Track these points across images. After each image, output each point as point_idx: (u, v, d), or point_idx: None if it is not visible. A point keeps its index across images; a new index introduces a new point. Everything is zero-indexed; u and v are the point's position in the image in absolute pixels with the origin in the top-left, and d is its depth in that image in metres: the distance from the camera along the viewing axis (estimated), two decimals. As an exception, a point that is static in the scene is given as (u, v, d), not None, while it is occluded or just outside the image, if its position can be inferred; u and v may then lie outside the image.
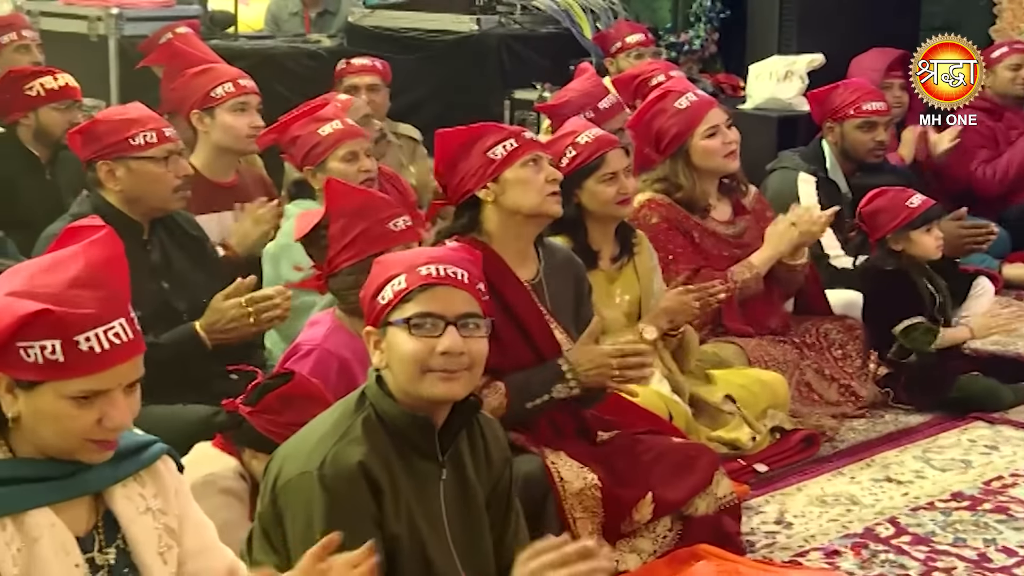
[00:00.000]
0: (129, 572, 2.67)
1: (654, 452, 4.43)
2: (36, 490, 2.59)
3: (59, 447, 2.59)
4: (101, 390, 2.55)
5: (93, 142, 4.72)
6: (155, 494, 2.74)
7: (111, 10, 8.22)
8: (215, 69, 5.88)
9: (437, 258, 3.22)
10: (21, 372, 2.52)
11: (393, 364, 3.16)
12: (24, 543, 2.54)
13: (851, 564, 4.45)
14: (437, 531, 3.19)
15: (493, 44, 8.38)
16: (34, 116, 5.94)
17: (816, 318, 6.02)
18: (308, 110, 5.43)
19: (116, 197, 4.69)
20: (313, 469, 3.05)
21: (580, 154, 5.00)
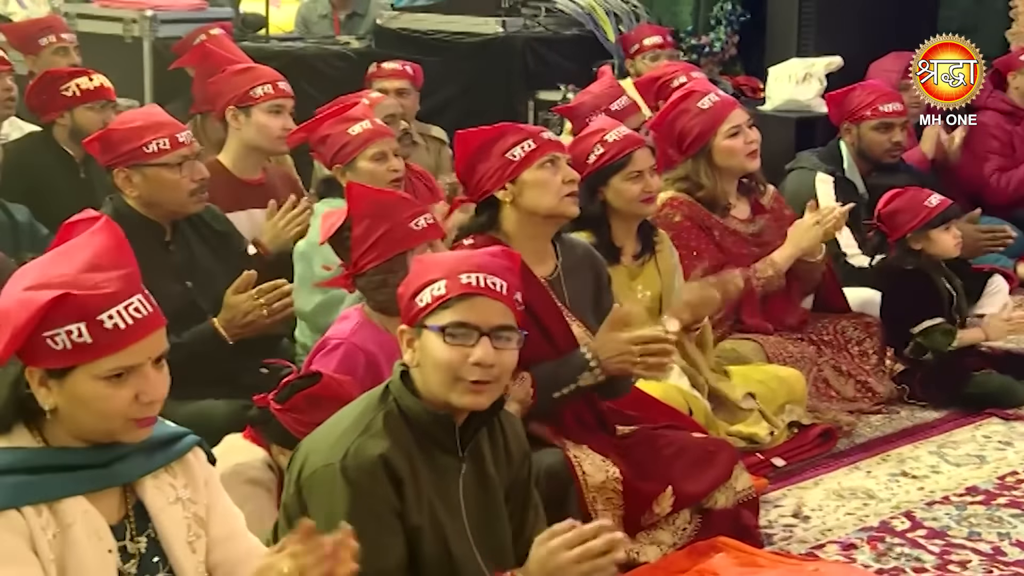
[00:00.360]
0: (159, 560, 2.67)
1: (674, 446, 4.42)
2: (70, 479, 2.59)
3: (100, 430, 2.59)
4: (132, 365, 2.55)
5: (109, 150, 4.72)
6: (185, 484, 2.74)
7: (145, 12, 8.24)
8: (256, 69, 5.89)
9: (478, 266, 3.19)
10: (51, 361, 2.53)
11: (425, 367, 3.16)
12: (59, 529, 2.54)
13: (867, 557, 4.44)
14: (457, 523, 3.18)
15: (518, 46, 8.37)
16: (70, 116, 5.94)
17: (833, 315, 6.00)
18: (338, 110, 5.43)
19: (135, 201, 4.69)
20: (336, 461, 3.05)
21: (607, 152, 4.98)
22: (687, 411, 4.85)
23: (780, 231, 5.82)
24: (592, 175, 4.91)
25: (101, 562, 2.58)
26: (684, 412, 4.82)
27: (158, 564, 2.66)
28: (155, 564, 2.66)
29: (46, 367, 2.54)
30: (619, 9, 8.87)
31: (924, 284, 5.86)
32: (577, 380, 4.18)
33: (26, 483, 2.53)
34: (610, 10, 8.80)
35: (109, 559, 2.59)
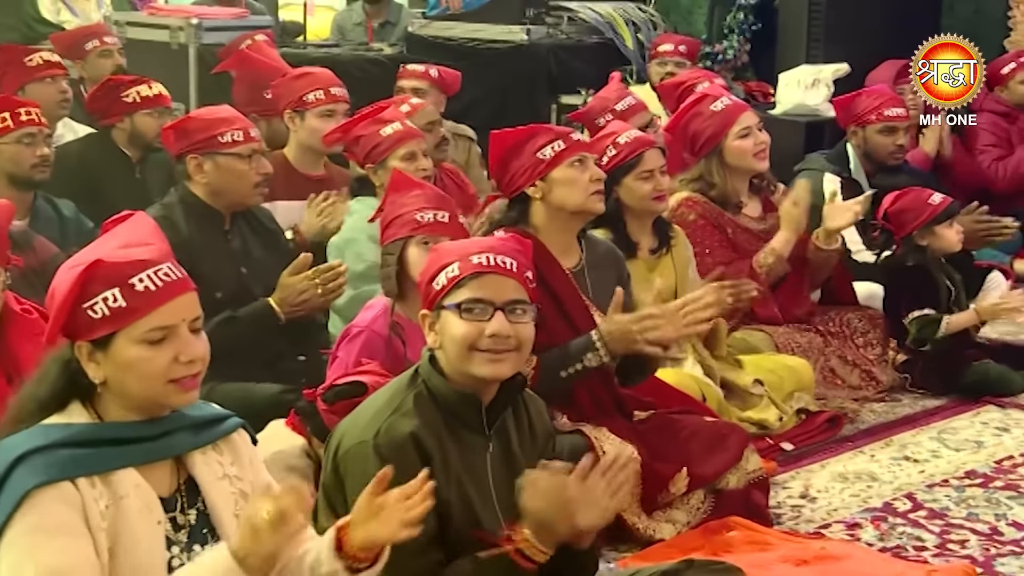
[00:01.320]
0: (208, 532, 2.67)
1: (689, 430, 4.43)
2: (122, 452, 2.59)
3: (146, 396, 2.59)
4: (167, 326, 2.56)
5: (185, 137, 4.80)
6: (232, 462, 2.75)
7: (191, 21, 8.26)
8: (312, 75, 5.93)
9: (488, 248, 3.23)
10: (94, 331, 2.56)
11: (445, 345, 3.16)
12: (112, 500, 2.54)
13: (871, 536, 4.42)
14: (485, 498, 3.19)
15: (542, 53, 8.37)
16: (130, 120, 5.98)
17: (839, 308, 5.99)
18: (370, 112, 5.44)
19: (202, 189, 4.76)
20: (369, 439, 3.06)
21: (619, 152, 5.00)
22: (701, 398, 4.88)
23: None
24: (607, 174, 4.91)
25: (151, 532, 2.58)
26: (698, 399, 4.84)
27: (206, 535, 2.67)
28: (204, 535, 2.66)
29: (90, 339, 2.57)
30: (637, 18, 8.86)
31: (924, 279, 5.84)
32: (583, 360, 4.18)
33: (80, 456, 2.54)
34: (629, 19, 8.80)
35: (158, 530, 2.59)
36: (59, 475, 2.50)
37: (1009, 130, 7.82)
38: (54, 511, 2.48)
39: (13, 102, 5.23)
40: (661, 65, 7.94)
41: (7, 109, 5.10)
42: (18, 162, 5.01)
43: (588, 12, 8.76)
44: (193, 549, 2.63)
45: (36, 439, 2.54)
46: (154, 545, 2.58)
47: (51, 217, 5.14)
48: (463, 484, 3.14)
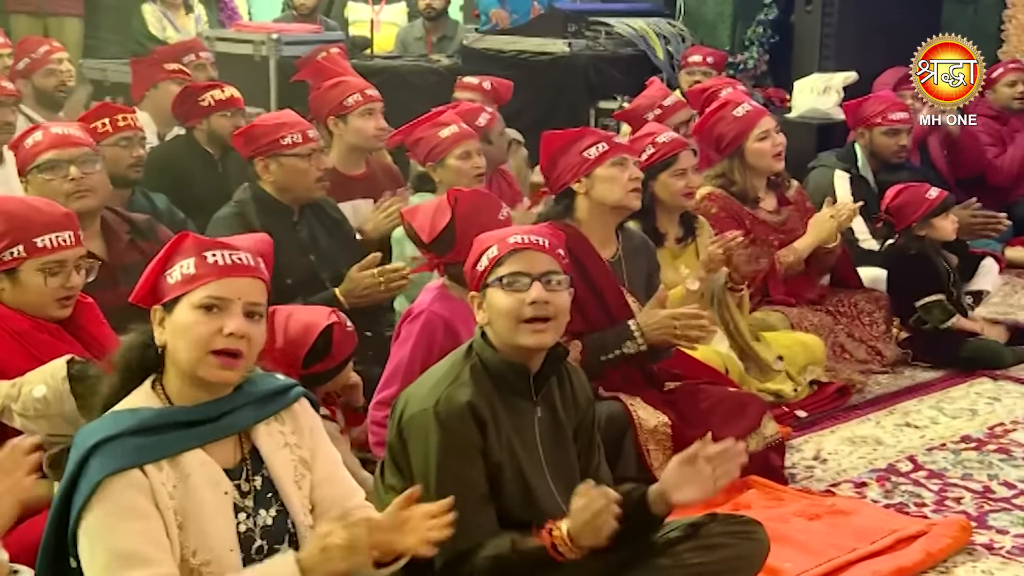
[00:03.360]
0: (272, 497, 2.67)
1: (713, 399, 4.42)
2: (187, 435, 2.58)
3: (191, 364, 2.57)
4: (223, 297, 2.56)
5: (252, 142, 4.81)
6: (293, 431, 2.74)
7: (272, 36, 8.29)
8: (346, 82, 5.91)
9: (523, 230, 3.27)
10: (167, 294, 2.58)
11: (493, 319, 3.17)
12: (179, 480, 2.54)
13: (876, 494, 4.41)
14: (533, 459, 3.19)
15: (582, 63, 8.35)
16: (207, 122, 5.99)
17: (848, 291, 5.96)
18: (429, 116, 5.44)
19: (271, 187, 4.78)
20: (430, 407, 3.07)
21: (658, 151, 5.00)
22: (723, 370, 4.86)
23: (802, 220, 5.80)
24: (644, 170, 4.91)
25: (218, 503, 2.58)
26: (721, 371, 4.82)
27: (271, 499, 2.66)
28: (268, 499, 2.66)
29: (163, 303, 2.58)
30: (667, 32, 8.83)
31: (924, 265, 5.81)
32: (622, 347, 4.20)
33: (147, 443, 2.53)
34: (660, 32, 8.76)
35: (225, 499, 2.59)
36: (129, 463, 2.49)
37: (1001, 131, 7.76)
38: (125, 497, 2.47)
39: (112, 109, 5.25)
40: (690, 74, 7.91)
41: (106, 115, 5.12)
42: (116, 162, 5.03)
43: (623, 27, 8.72)
44: (259, 513, 2.63)
45: (108, 428, 2.54)
46: (223, 514, 2.58)
47: (147, 209, 5.16)
48: (513, 446, 3.14)
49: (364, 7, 10.56)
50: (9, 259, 3.32)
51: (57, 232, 3.35)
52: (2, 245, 3.32)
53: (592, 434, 3.37)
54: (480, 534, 3.05)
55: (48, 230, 3.34)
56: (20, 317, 3.34)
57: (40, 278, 3.32)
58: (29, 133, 4.42)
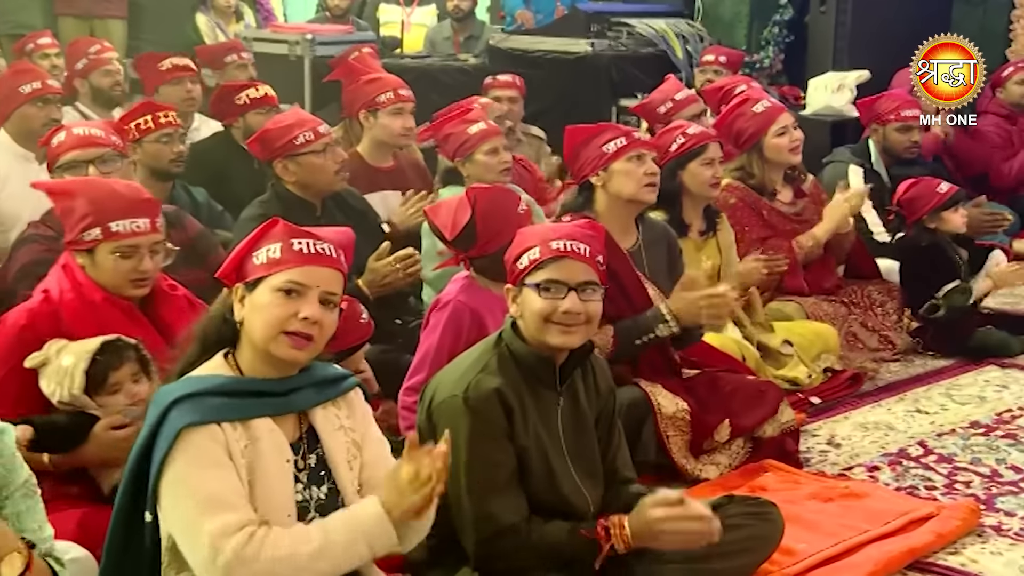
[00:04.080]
0: (325, 475, 2.69)
1: (731, 386, 4.42)
2: (258, 404, 2.63)
3: (264, 341, 2.62)
4: (302, 283, 2.60)
5: (267, 146, 4.84)
6: (347, 415, 2.77)
7: (306, 36, 8.32)
8: (382, 79, 5.91)
9: (566, 235, 3.21)
10: (251, 273, 2.63)
11: (525, 316, 3.17)
12: (250, 442, 2.58)
13: (888, 477, 4.39)
14: (556, 445, 3.19)
15: (604, 62, 8.33)
16: (243, 119, 6.01)
17: (861, 282, 5.95)
18: (458, 112, 5.44)
19: (293, 186, 4.81)
20: (460, 393, 3.07)
21: (687, 141, 5.01)
22: (741, 358, 4.86)
23: (817, 211, 5.80)
24: (674, 160, 4.97)
25: (280, 469, 2.61)
26: (738, 359, 4.82)
27: (324, 476, 2.69)
28: (321, 476, 2.69)
29: (245, 281, 2.63)
30: (686, 32, 8.80)
31: (936, 256, 5.79)
32: (655, 330, 4.19)
33: (225, 404, 2.58)
34: (679, 32, 8.74)
35: (287, 467, 2.62)
36: (207, 417, 2.54)
37: (1011, 131, 7.68)
38: (205, 447, 2.52)
39: (153, 107, 5.27)
40: (702, 73, 7.90)
41: (148, 113, 5.14)
42: (158, 157, 5.06)
43: (644, 27, 8.70)
44: (312, 487, 2.66)
45: (187, 387, 2.59)
46: (284, 479, 2.61)
47: (187, 202, 5.19)
48: (538, 432, 3.14)
49: (395, 9, 10.58)
50: (88, 240, 3.37)
51: (133, 218, 3.38)
52: (83, 226, 3.37)
53: (612, 421, 3.37)
54: (510, 514, 3.06)
55: (125, 216, 3.37)
56: (98, 289, 3.39)
57: (114, 260, 3.36)
58: (55, 133, 4.44)
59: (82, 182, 3.52)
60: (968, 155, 7.55)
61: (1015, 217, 6.96)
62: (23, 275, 4.14)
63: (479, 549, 3.07)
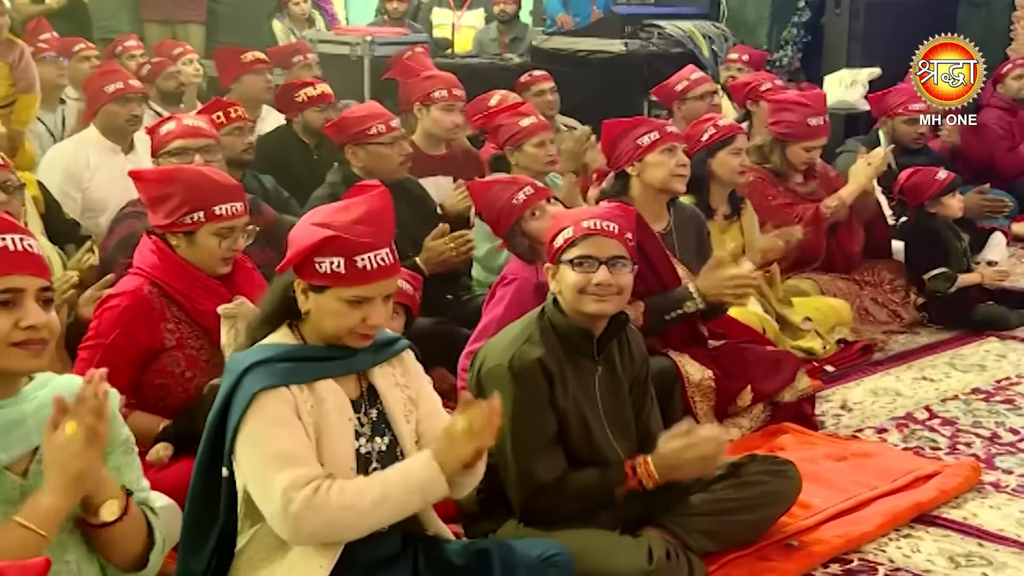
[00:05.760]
0: (385, 428, 2.71)
1: (752, 356, 4.41)
2: (322, 367, 2.64)
3: (333, 335, 2.64)
4: (367, 297, 2.59)
5: (342, 132, 4.89)
6: (402, 374, 2.79)
7: (366, 38, 8.31)
8: (438, 76, 5.91)
9: (596, 215, 3.23)
10: (314, 279, 2.60)
11: (563, 290, 3.18)
12: (315, 402, 2.60)
13: (896, 439, 4.38)
14: (593, 410, 3.19)
15: (637, 61, 8.29)
16: (302, 115, 6.04)
17: (872, 262, 5.91)
18: (510, 106, 5.44)
19: (359, 170, 4.82)
20: (505, 362, 3.08)
21: (718, 132, 5.00)
22: (761, 330, 4.83)
23: (827, 191, 5.75)
24: (705, 149, 4.96)
25: (343, 426, 2.63)
26: (759, 331, 4.79)
27: (384, 429, 2.71)
28: (382, 429, 2.71)
29: (309, 282, 2.61)
30: (712, 33, 8.75)
31: (935, 240, 5.76)
32: (683, 306, 4.17)
33: (292, 368, 2.60)
34: (705, 33, 8.69)
35: (349, 425, 2.64)
36: (278, 381, 2.56)
37: (1012, 122, 7.60)
38: (275, 408, 2.54)
39: (225, 103, 5.29)
40: (727, 70, 7.87)
41: (221, 108, 5.17)
42: (232, 148, 5.08)
43: (673, 28, 8.65)
44: (374, 440, 2.68)
45: (258, 355, 2.61)
46: (346, 436, 2.63)
47: (257, 189, 5.21)
48: (577, 399, 3.15)
49: (447, 12, 10.58)
50: (189, 222, 3.37)
51: (231, 202, 3.40)
52: (184, 210, 3.37)
53: (646, 387, 3.37)
54: (550, 472, 3.08)
55: (224, 200, 3.39)
56: (190, 267, 3.41)
57: (214, 240, 3.39)
58: (164, 122, 4.48)
59: (178, 170, 3.53)
60: (974, 148, 7.47)
61: (1014, 203, 6.92)
62: (122, 246, 4.25)
63: (524, 503, 3.09)
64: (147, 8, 9.28)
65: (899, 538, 3.55)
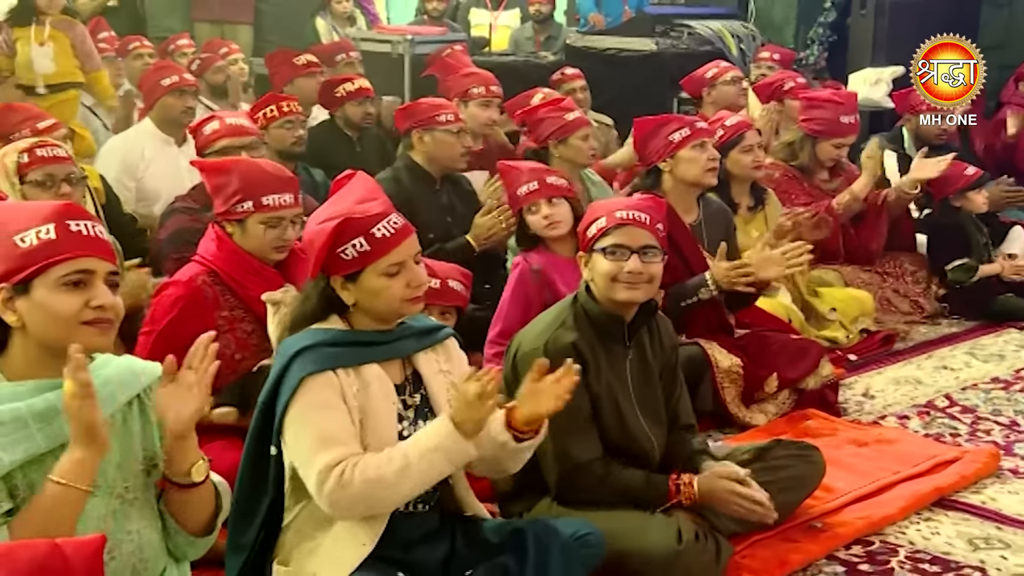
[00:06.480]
0: (428, 411, 2.71)
1: (778, 344, 4.40)
2: (368, 351, 2.65)
3: (389, 312, 2.65)
4: (400, 262, 2.60)
5: (412, 116, 4.97)
6: (445, 360, 2.79)
7: (406, 36, 8.31)
8: (477, 74, 5.91)
9: (629, 206, 3.23)
10: (345, 269, 2.60)
11: (595, 278, 3.17)
12: (361, 386, 2.60)
13: (917, 425, 4.35)
14: (625, 393, 3.19)
15: (666, 59, 8.23)
16: (342, 110, 6.06)
17: (895, 253, 5.87)
18: (551, 101, 5.42)
19: (421, 157, 4.90)
20: (540, 346, 3.07)
21: (727, 132, 4.96)
22: (787, 320, 4.82)
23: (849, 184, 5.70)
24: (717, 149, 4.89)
25: (388, 410, 2.64)
26: (785, 321, 4.79)
27: (427, 413, 2.71)
28: (425, 413, 2.71)
29: (343, 274, 2.61)
30: (740, 32, 8.69)
31: (959, 233, 5.72)
32: (698, 294, 4.17)
33: (339, 352, 2.60)
34: (734, 33, 8.63)
35: (393, 408, 2.65)
36: (324, 366, 2.56)
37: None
38: (322, 392, 2.55)
39: (279, 97, 5.33)
40: (757, 68, 7.81)
41: (274, 103, 5.21)
42: (282, 141, 5.11)
43: (702, 28, 8.60)
44: (417, 423, 2.68)
45: (307, 339, 2.61)
46: (390, 419, 2.64)
47: (307, 182, 5.23)
48: (609, 382, 3.14)
49: (484, 12, 10.55)
50: (240, 211, 3.39)
51: (280, 194, 3.41)
52: (237, 199, 3.39)
53: (675, 373, 3.36)
54: (585, 452, 3.08)
55: (273, 191, 3.40)
56: (245, 254, 3.42)
57: (262, 229, 3.40)
58: (207, 122, 4.50)
59: (235, 162, 3.55)
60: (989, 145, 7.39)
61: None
62: (171, 240, 4.29)
63: (559, 482, 3.09)
64: (198, 8, 9.34)
65: (920, 521, 3.54)
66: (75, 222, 2.18)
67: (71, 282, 2.15)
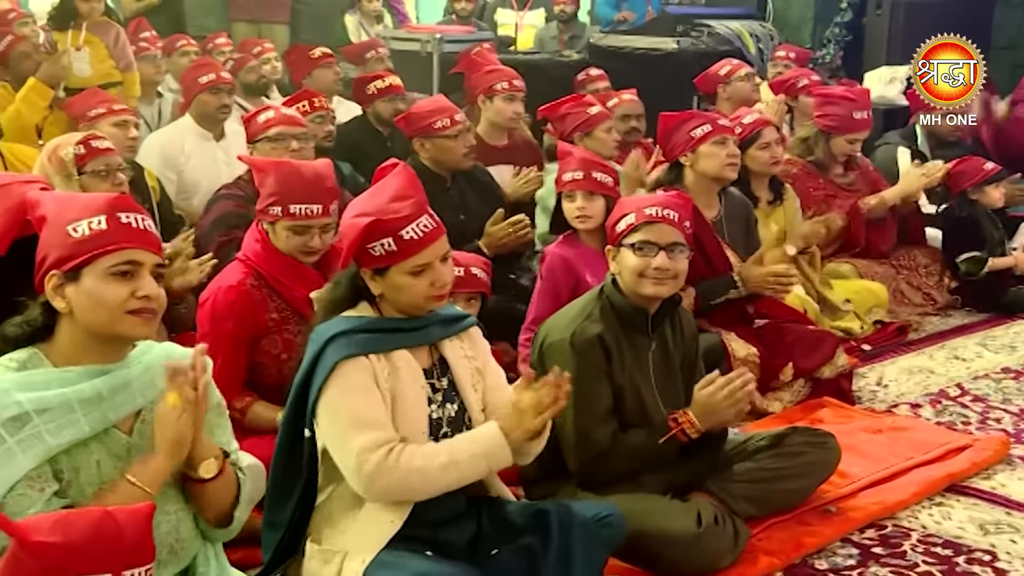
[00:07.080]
0: (454, 395, 2.72)
1: (794, 335, 4.39)
2: (398, 338, 2.66)
3: (412, 306, 2.66)
4: (427, 263, 2.60)
5: (410, 125, 4.92)
6: (470, 347, 2.79)
7: (435, 35, 8.31)
8: (500, 70, 5.91)
9: (658, 203, 3.22)
10: (373, 264, 2.61)
11: (623, 272, 3.18)
12: (391, 370, 2.61)
13: (929, 414, 4.34)
14: (647, 382, 3.19)
15: (688, 58, 8.20)
16: (373, 106, 6.06)
17: (908, 247, 5.84)
18: (572, 97, 5.42)
19: (427, 160, 4.85)
20: (567, 337, 3.08)
21: (744, 130, 4.93)
22: (803, 311, 4.80)
23: (865, 182, 5.69)
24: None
25: (417, 393, 2.64)
26: (800, 311, 4.76)
27: (454, 396, 2.72)
28: (452, 396, 2.72)
29: (371, 268, 2.62)
30: (759, 32, 8.65)
31: (973, 226, 5.69)
32: (727, 294, 4.18)
33: (371, 338, 2.61)
34: (752, 32, 8.60)
35: (422, 392, 2.66)
36: (357, 351, 2.57)
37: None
38: (355, 376, 2.56)
39: (309, 94, 5.35)
40: (774, 66, 7.78)
41: (305, 99, 5.22)
42: (314, 136, 5.12)
43: (722, 27, 8.56)
44: (445, 406, 2.69)
45: (341, 325, 2.62)
46: (419, 402, 2.64)
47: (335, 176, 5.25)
48: (632, 372, 3.15)
49: (510, 12, 10.55)
50: (271, 214, 3.38)
51: (309, 204, 3.37)
52: (270, 201, 3.38)
53: (696, 363, 3.36)
54: (606, 439, 3.09)
55: (302, 200, 3.36)
56: (283, 255, 3.40)
57: (288, 234, 3.38)
58: (263, 111, 4.52)
59: (276, 164, 3.53)
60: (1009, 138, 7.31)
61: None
62: (216, 224, 4.31)
63: (581, 467, 3.10)
64: (236, 9, 9.36)
65: (931, 506, 3.53)
66: (126, 214, 2.21)
67: (119, 272, 2.17)
